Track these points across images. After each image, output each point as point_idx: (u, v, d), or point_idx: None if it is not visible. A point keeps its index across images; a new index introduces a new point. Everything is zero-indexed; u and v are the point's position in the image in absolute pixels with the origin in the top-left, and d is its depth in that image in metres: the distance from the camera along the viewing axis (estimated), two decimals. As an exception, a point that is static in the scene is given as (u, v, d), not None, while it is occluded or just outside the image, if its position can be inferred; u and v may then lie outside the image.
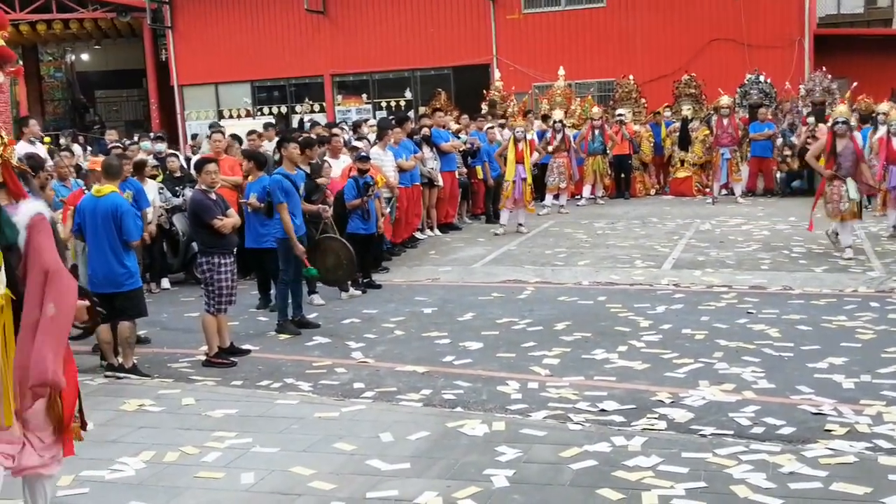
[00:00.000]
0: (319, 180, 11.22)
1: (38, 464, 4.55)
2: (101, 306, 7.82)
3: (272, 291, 10.82)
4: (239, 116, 29.53)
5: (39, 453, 4.54)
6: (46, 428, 4.57)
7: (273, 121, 23.36)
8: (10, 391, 4.34)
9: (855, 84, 20.86)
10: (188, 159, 15.23)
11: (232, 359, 8.86)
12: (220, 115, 29.91)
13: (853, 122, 13.07)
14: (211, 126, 17.76)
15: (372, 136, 15.47)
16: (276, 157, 12.53)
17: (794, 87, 21.55)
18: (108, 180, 8.59)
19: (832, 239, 12.79)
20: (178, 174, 13.26)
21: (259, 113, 29.67)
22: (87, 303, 4.99)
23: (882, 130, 14.83)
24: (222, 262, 8.78)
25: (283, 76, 29.62)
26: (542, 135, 18.75)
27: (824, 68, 21.47)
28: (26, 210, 4.50)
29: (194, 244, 10.42)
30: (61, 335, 4.40)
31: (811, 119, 18.94)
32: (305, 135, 13.08)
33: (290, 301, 10.10)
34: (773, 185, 19.85)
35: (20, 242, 4.43)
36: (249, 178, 11.24)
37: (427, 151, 15.65)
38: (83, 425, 4.78)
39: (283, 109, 29.76)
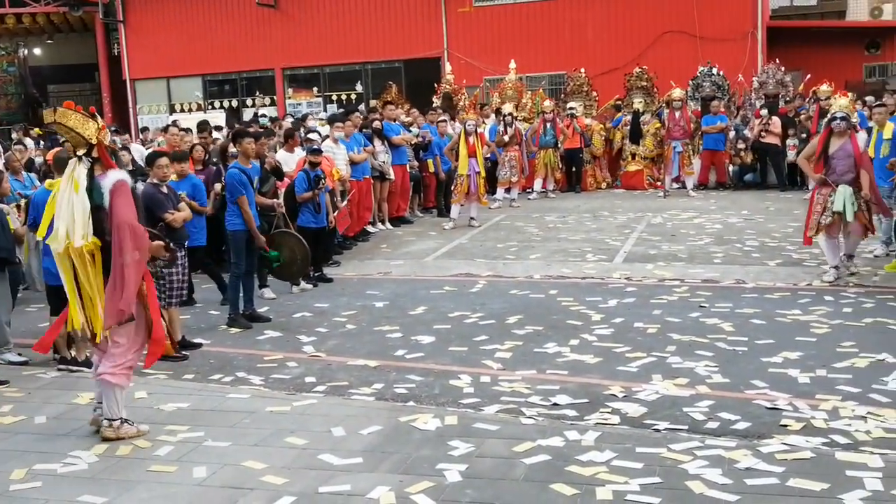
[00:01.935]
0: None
1: (107, 371, 6.17)
2: (57, 298, 7.96)
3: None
4: (190, 110, 29.43)
5: (109, 364, 6.17)
6: (118, 346, 6.18)
7: (222, 123, 23.09)
8: (98, 314, 6.02)
9: (808, 76, 21.10)
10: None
11: (183, 352, 8.72)
12: (172, 109, 29.80)
13: (854, 119, 11.32)
14: (173, 124, 17.54)
15: (324, 130, 15.34)
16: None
17: (747, 80, 21.73)
18: (60, 174, 8.42)
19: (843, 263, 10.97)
20: (129, 168, 13.04)
21: (210, 107, 29.50)
22: (161, 243, 6.62)
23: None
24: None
25: (235, 70, 29.54)
26: (496, 129, 18.75)
27: (777, 60, 21.70)
28: (110, 178, 6.09)
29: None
30: (137, 273, 6.01)
31: (765, 112, 19.11)
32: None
33: (241, 295, 9.98)
34: (725, 179, 20.00)
35: (105, 203, 6.01)
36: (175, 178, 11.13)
37: (378, 145, 15.56)
38: (174, 344, 6.62)
39: (235, 103, 29.59)
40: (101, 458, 5.98)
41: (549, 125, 19.43)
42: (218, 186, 11.25)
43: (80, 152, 6.17)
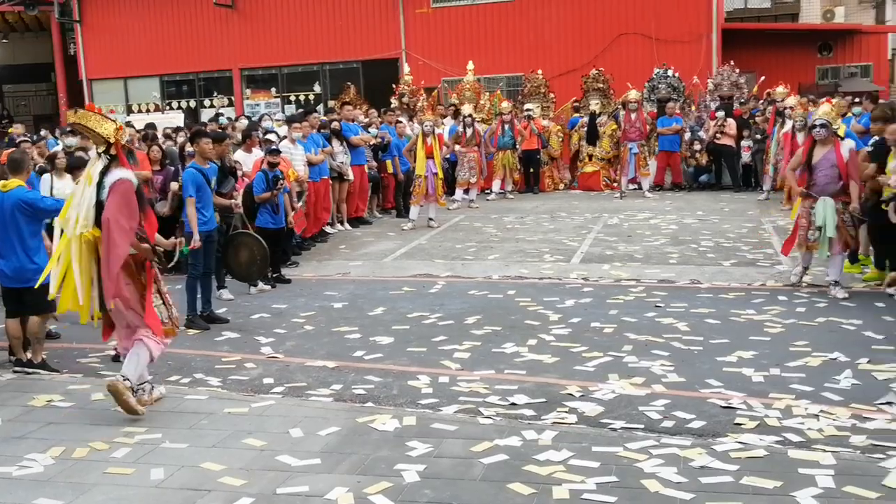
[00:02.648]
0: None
1: (145, 335, 6.77)
2: (12, 301, 8.36)
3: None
4: (148, 111, 29.19)
5: (147, 331, 6.79)
6: (122, 323, 6.80)
7: (180, 123, 22.90)
8: (89, 296, 6.71)
9: (762, 78, 21.37)
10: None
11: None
12: (130, 110, 29.53)
13: (839, 126, 10.63)
14: (127, 124, 17.41)
15: (282, 131, 15.30)
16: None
17: (702, 82, 21.95)
18: (14, 174, 8.35)
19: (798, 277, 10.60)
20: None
21: (168, 107, 29.30)
22: (148, 247, 6.87)
23: (788, 125, 15.13)
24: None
25: (192, 70, 29.36)
26: (455, 129, 18.80)
27: (732, 62, 21.93)
28: (113, 175, 6.58)
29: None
30: (117, 265, 6.40)
31: (720, 113, 19.31)
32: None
33: (198, 296, 9.92)
34: (680, 180, 20.18)
35: (104, 198, 6.51)
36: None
37: (337, 145, 15.53)
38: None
39: (192, 104, 29.38)
40: (56, 460, 5.92)
41: (507, 126, 19.51)
42: (175, 185, 11.19)
43: (100, 150, 6.74)
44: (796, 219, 10.30)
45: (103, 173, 6.66)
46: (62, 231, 6.83)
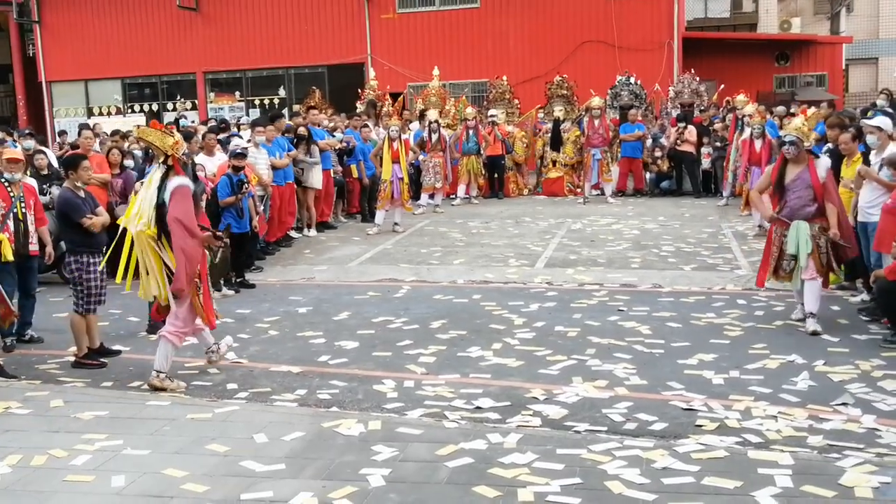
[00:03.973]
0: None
1: (167, 331, 7.70)
2: None
3: None
4: (109, 114, 28.87)
5: (171, 326, 7.73)
6: (178, 316, 7.71)
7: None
8: (151, 285, 7.71)
9: (722, 86, 21.62)
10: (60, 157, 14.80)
11: (102, 360, 8.62)
12: (90, 113, 29.20)
13: (811, 142, 9.65)
14: (84, 126, 17.26)
15: (246, 134, 15.25)
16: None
17: (663, 89, 22.16)
18: None
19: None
20: (45, 172, 12.80)
21: (130, 110, 29.03)
22: (209, 234, 8.04)
23: (747, 132, 15.34)
24: (91, 261, 8.56)
25: (155, 73, 29.07)
26: (420, 134, 18.84)
27: (693, 71, 22.15)
28: (172, 183, 7.51)
29: (62, 243, 10.11)
30: (189, 258, 7.45)
31: (682, 123, 19.52)
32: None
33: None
34: (642, 186, 20.34)
35: (165, 201, 7.47)
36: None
37: (302, 152, 15.47)
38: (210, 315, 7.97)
39: (155, 107, 29.15)
40: (14, 468, 5.82)
41: (471, 132, 19.58)
42: (138, 185, 11.04)
43: (160, 160, 7.68)
44: (766, 245, 9.33)
45: (163, 179, 7.57)
46: (124, 229, 7.78)
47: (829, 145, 11.10)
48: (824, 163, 9.11)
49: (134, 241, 7.69)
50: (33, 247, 9.41)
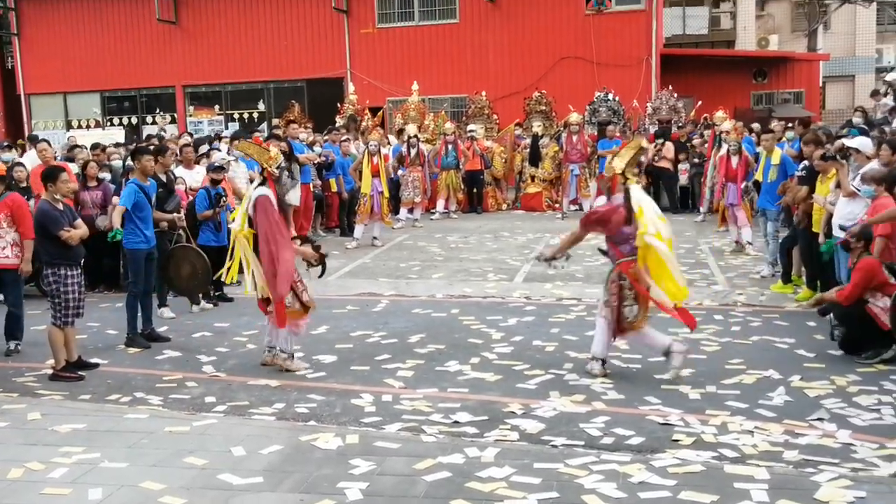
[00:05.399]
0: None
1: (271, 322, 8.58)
2: None
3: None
4: (88, 127, 28.75)
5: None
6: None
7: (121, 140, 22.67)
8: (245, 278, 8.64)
9: (700, 103, 21.78)
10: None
11: (80, 372, 8.58)
12: (69, 126, 29.07)
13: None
14: (41, 140, 17.16)
15: (224, 147, 15.23)
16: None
17: (641, 105, 22.29)
18: None
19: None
20: (24, 184, 12.75)
21: (109, 123, 28.92)
22: (310, 250, 8.96)
23: (724, 149, 15.45)
24: (69, 273, 8.53)
25: (135, 86, 28.99)
26: (399, 149, 18.88)
27: (671, 87, 22.29)
28: (255, 192, 8.37)
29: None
30: (283, 271, 8.17)
31: (660, 140, 19.64)
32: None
33: (139, 314, 9.83)
34: (620, 202, 20.34)
35: (250, 210, 8.33)
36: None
37: (289, 180, 15.45)
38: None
39: (134, 120, 29.08)
40: (-9, 481, 5.81)
41: (450, 147, 19.65)
42: (116, 199, 11.10)
43: (257, 172, 8.68)
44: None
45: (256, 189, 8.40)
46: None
47: (805, 162, 11.19)
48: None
49: (240, 242, 8.47)
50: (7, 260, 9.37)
